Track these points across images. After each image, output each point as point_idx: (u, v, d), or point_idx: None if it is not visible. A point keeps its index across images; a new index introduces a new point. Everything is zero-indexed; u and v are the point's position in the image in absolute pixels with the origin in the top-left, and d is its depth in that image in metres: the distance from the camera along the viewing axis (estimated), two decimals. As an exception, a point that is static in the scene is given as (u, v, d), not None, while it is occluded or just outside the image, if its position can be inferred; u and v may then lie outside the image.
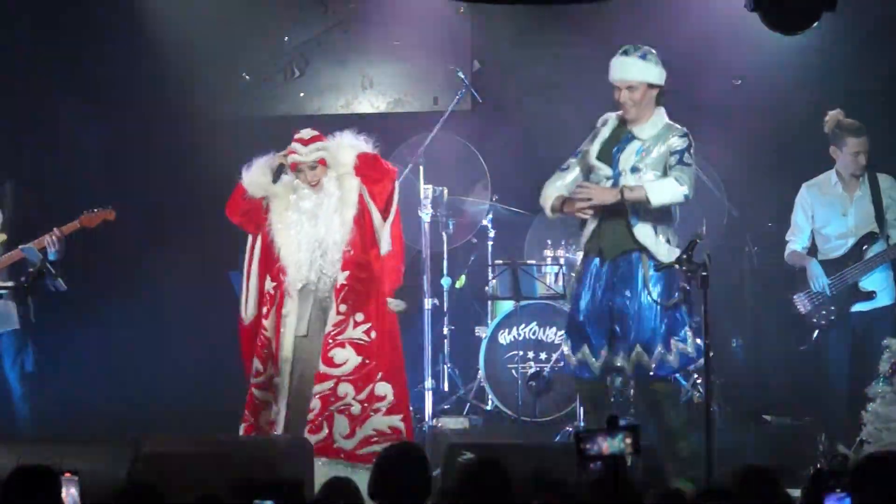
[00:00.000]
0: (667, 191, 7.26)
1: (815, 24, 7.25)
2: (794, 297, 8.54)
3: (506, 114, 9.98)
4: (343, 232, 7.49)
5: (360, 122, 10.34)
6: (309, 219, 7.47)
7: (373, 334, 7.51)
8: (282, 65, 10.51)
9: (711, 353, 7.16)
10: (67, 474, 4.75)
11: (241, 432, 7.49)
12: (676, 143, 7.33)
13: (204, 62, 10.51)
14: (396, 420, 7.55)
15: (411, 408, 9.06)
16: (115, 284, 9.95)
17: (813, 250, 8.57)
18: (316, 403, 7.41)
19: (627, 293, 7.32)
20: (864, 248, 8.40)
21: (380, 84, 10.54)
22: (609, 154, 7.39)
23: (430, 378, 8.88)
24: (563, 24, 9.78)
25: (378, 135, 10.05)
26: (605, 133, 7.45)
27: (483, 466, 4.51)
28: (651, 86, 7.37)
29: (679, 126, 7.41)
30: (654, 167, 7.32)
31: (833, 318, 8.45)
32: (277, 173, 7.58)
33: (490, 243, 9.57)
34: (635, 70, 7.37)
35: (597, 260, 7.39)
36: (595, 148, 7.42)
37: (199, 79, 10.52)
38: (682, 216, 9.25)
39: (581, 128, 7.56)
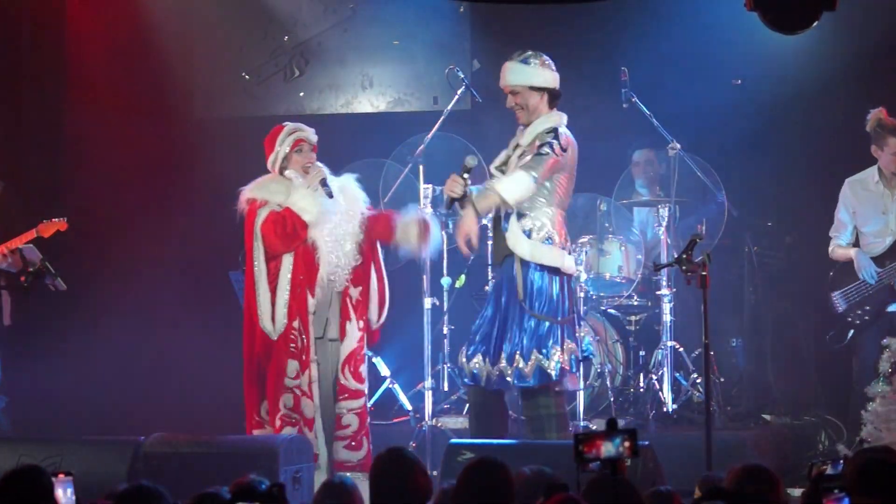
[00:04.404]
0: (518, 183, 7.13)
1: (815, 24, 7.24)
2: (832, 294, 8.53)
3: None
4: (353, 225, 7.54)
5: (360, 122, 10.45)
6: (333, 209, 7.51)
7: None
8: (282, 65, 10.51)
9: (712, 353, 7.12)
10: (61, 475, 4.72)
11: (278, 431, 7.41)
12: (541, 138, 7.23)
13: (204, 62, 10.51)
14: None
15: (411, 407, 9.14)
16: (116, 284, 9.94)
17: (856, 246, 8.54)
18: (352, 419, 7.48)
19: (500, 301, 7.27)
20: None
21: (380, 84, 10.55)
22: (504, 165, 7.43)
23: (430, 378, 8.85)
24: (563, 24, 9.78)
25: (378, 135, 10.13)
26: (510, 146, 7.48)
27: (483, 466, 4.50)
28: (534, 89, 7.34)
29: (551, 125, 7.29)
30: None
31: (867, 317, 8.43)
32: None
33: (490, 243, 9.55)
34: (515, 74, 7.36)
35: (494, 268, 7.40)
36: (497, 161, 7.46)
37: (198, 79, 10.52)
38: (682, 216, 9.29)
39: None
